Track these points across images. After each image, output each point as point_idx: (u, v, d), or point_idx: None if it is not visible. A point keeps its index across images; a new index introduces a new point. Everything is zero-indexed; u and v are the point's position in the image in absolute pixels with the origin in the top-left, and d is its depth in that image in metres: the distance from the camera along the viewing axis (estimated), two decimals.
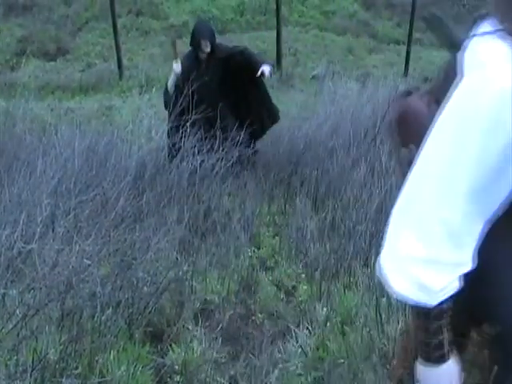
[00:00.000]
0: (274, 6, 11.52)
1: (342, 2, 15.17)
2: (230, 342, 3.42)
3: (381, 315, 3.16)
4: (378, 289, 3.48)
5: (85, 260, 3.41)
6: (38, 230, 3.66)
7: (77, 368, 2.86)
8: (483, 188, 1.24)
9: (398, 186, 4.16)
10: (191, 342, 3.25)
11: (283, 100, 8.95)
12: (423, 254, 1.29)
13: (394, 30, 14.36)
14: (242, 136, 5.46)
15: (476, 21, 1.33)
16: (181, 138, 5.32)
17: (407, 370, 1.67)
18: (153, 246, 3.83)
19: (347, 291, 3.67)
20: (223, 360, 3.21)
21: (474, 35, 1.29)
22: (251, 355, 3.21)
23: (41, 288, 3.18)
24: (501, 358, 1.56)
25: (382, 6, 15.25)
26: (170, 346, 3.25)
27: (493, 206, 1.28)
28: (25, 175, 4.66)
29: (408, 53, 11.51)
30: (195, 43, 5.78)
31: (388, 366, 2.88)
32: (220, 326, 3.48)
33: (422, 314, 1.37)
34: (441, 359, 1.41)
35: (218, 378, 3.05)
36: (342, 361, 3.02)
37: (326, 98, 7.68)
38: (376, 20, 14.73)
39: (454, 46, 1.40)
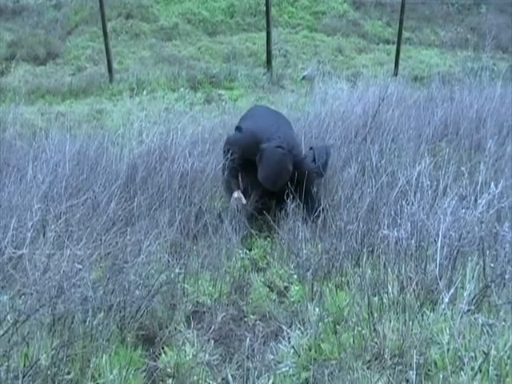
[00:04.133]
0: (264, 8, 11.55)
1: (331, 2, 15.19)
2: (222, 343, 3.42)
3: (372, 314, 3.17)
4: (370, 288, 3.49)
5: (76, 264, 3.40)
6: (29, 234, 3.64)
7: (69, 373, 2.86)
8: None
9: (390, 186, 4.19)
10: (183, 344, 3.24)
11: (274, 101, 9.00)
12: None
13: (383, 30, 14.39)
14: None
15: None
16: None
17: None
18: (144, 249, 3.82)
19: (339, 291, 3.67)
20: (216, 362, 3.21)
21: None
22: (244, 357, 3.21)
23: (32, 293, 3.17)
24: None
25: (372, 5, 15.28)
26: (163, 348, 3.25)
27: None
28: (15, 180, 4.65)
29: (398, 52, 11.56)
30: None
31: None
32: (212, 328, 3.48)
33: None
34: None
35: (211, 381, 3.05)
36: (335, 361, 3.02)
37: (316, 98, 7.69)
38: (365, 20, 14.76)
39: None
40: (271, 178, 4.66)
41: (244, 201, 4.85)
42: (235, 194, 4.88)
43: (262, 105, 7.75)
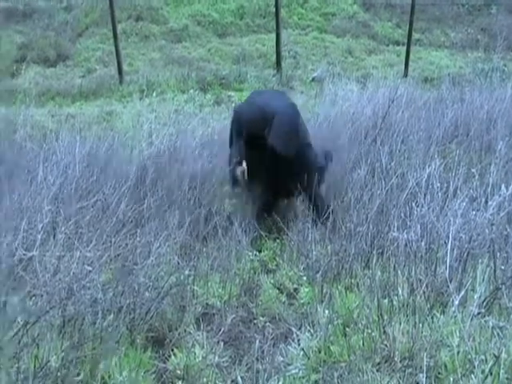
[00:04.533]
0: (274, 9, 11.52)
1: (341, 3, 15.15)
2: (231, 345, 3.42)
3: (382, 317, 3.16)
4: (380, 290, 3.48)
5: (86, 266, 3.42)
6: (39, 236, 3.66)
7: (78, 375, 2.87)
8: None
9: (400, 187, 4.17)
10: (193, 346, 3.25)
11: None
12: None
13: (393, 31, 14.33)
14: None
15: None
16: None
17: None
18: (154, 250, 3.83)
19: (349, 293, 3.66)
20: (225, 364, 3.21)
21: None
22: (253, 359, 3.20)
23: (42, 295, 3.19)
24: None
25: (382, 7, 15.22)
26: (172, 350, 3.25)
27: None
28: (25, 182, 4.67)
29: (408, 53, 11.50)
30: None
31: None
32: (222, 329, 3.48)
33: None
34: None
35: (220, 383, 3.05)
36: (344, 363, 3.02)
37: (326, 99, 7.68)
38: (375, 21, 14.70)
39: None
40: (282, 138, 4.55)
41: (244, 167, 4.72)
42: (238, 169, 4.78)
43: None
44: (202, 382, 3.01)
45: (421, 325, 3.03)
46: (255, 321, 3.68)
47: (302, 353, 3.15)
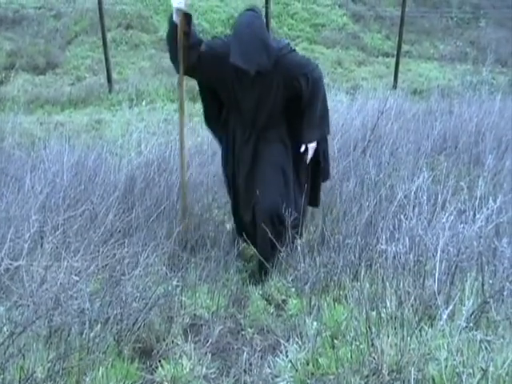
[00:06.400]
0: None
1: (331, 15, 15.22)
2: (219, 357, 3.40)
3: (370, 329, 3.15)
4: (368, 302, 3.48)
5: (73, 276, 3.40)
6: (26, 246, 3.64)
7: None
8: None
9: (388, 200, 4.14)
10: (180, 357, 3.23)
11: None
12: None
13: (382, 43, 14.42)
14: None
15: None
16: None
17: None
18: (142, 261, 3.81)
19: (337, 305, 3.65)
20: (213, 376, 3.19)
21: None
22: (241, 370, 3.19)
23: (28, 305, 3.17)
24: None
25: (371, 18, 15.32)
26: (159, 362, 3.23)
27: None
28: (13, 190, 4.65)
29: (397, 65, 11.58)
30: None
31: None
32: (209, 341, 3.46)
33: None
34: None
35: None
36: (332, 375, 3.01)
37: None
38: (365, 33, 14.79)
39: None
40: (242, 48, 3.87)
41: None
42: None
43: None
44: None
45: (409, 338, 3.02)
46: (243, 332, 3.66)
47: (289, 365, 3.14)
